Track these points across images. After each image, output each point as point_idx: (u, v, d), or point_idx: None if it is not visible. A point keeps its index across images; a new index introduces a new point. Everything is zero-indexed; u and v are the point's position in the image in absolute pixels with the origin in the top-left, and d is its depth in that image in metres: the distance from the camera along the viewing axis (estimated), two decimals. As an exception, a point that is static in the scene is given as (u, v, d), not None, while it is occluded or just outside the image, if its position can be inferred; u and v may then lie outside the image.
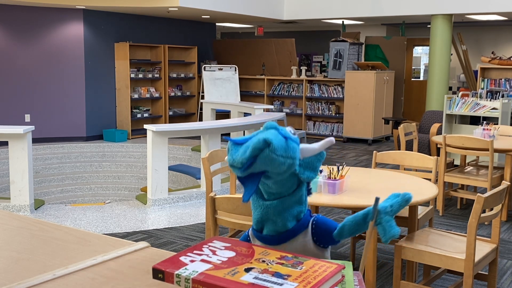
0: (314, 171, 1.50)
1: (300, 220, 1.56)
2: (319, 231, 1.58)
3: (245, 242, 1.07)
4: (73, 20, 9.31)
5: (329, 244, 1.62)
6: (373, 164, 3.94)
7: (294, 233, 1.55)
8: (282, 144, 1.36)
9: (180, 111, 11.12)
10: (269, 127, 1.44)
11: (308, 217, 1.59)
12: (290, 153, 1.38)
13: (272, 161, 1.35)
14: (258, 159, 1.34)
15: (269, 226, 1.55)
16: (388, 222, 1.56)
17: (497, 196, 2.78)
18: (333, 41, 10.40)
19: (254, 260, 0.94)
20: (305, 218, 1.57)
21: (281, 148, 1.36)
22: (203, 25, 11.82)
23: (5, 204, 5.41)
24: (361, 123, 9.89)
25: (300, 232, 1.56)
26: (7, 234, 1.13)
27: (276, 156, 1.35)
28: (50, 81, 9.30)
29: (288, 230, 1.54)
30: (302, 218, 1.56)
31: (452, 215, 5.41)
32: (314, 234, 1.58)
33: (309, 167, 1.49)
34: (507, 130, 5.82)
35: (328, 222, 1.62)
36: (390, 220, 1.57)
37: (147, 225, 5.11)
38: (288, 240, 1.55)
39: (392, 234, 1.55)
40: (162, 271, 0.89)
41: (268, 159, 1.34)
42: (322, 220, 1.61)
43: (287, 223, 1.53)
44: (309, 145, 1.49)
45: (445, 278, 3.71)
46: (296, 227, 1.55)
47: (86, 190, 8.30)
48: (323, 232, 1.59)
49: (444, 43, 9.51)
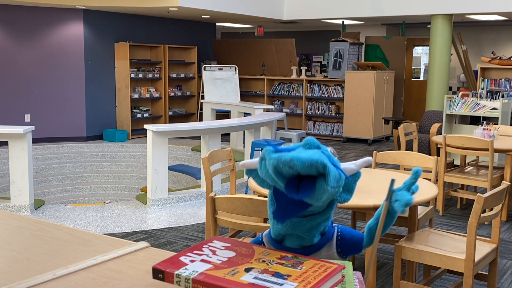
0: (350, 192, 1.45)
1: (324, 234, 1.53)
2: (345, 243, 1.56)
3: (245, 242, 1.07)
4: (73, 20, 9.31)
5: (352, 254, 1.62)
6: (373, 164, 3.94)
7: (319, 247, 1.52)
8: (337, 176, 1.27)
9: (180, 111, 11.12)
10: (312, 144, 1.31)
11: (331, 228, 1.56)
12: (340, 182, 1.30)
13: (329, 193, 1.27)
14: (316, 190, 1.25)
15: (292, 239, 1.49)
16: (401, 194, 1.55)
17: (497, 196, 2.78)
18: (333, 41, 10.40)
19: (254, 260, 0.94)
20: (328, 230, 1.54)
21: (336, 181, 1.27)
22: (203, 25, 11.82)
23: (5, 204, 5.41)
24: (361, 123, 9.89)
25: (324, 245, 1.53)
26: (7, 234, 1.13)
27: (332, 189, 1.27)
28: (50, 81, 9.30)
29: (314, 244, 1.50)
30: (326, 232, 1.54)
31: (452, 215, 5.41)
32: (339, 246, 1.57)
33: (346, 189, 1.43)
34: (507, 130, 5.82)
35: (354, 234, 1.60)
36: (403, 192, 1.56)
37: (147, 225, 5.11)
38: (312, 254, 1.51)
39: (405, 201, 1.54)
40: (162, 271, 0.89)
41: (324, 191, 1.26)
42: (347, 231, 1.58)
43: (313, 238, 1.49)
44: (347, 165, 1.42)
45: (445, 278, 3.71)
46: (321, 241, 1.52)
47: (86, 190, 8.30)
48: (349, 244, 1.57)
49: (444, 43, 9.51)
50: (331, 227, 1.57)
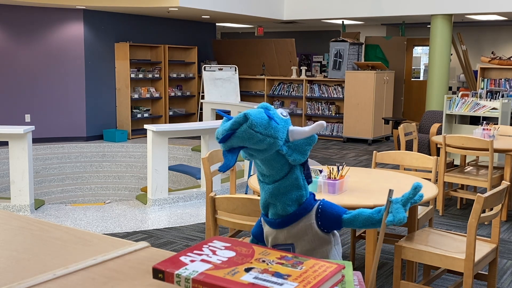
0: (302, 154, 1.50)
1: (302, 204, 1.58)
2: (325, 216, 1.59)
3: (245, 242, 1.07)
4: (73, 20, 9.31)
5: (333, 229, 1.63)
6: (373, 164, 3.94)
7: (296, 217, 1.57)
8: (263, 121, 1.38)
9: (180, 111, 11.12)
10: (261, 106, 1.46)
11: (312, 201, 1.61)
12: (270, 131, 1.39)
13: (250, 136, 1.37)
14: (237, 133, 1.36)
15: (272, 210, 1.59)
16: (396, 209, 1.58)
17: (497, 196, 2.78)
18: (333, 41, 10.40)
19: (254, 260, 0.94)
20: (308, 202, 1.59)
21: (261, 125, 1.37)
22: (203, 25, 11.82)
23: (5, 204, 5.42)
24: (361, 123, 9.89)
25: (302, 216, 1.58)
26: (7, 234, 1.13)
27: (254, 132, 1.36)
28: (50, 81, 9.30)
29: (289, 214, 1.57)
30: (304, 202, 1.58)
31: (452, 215, 5.41)
32: (320, 219, 1.59)
33: (298, 149, 1.48)
34: (507, 130, 5.82)
35: (335, 207, 1.63)
36: (399, 207, 1.59)
37: (147, 225, 5.11)
38: (290, 224, 1.58)
39: (398, 218, 1.56)
40: (162, 271, 0.89)
41: (246, 134, 1.36)
42: (329, 204, 1.62)
43: (287, 207, 1.55)
44: (300, 127, 1.50)
45: (445, 278, 3.71)
46: (298, 211, 1.57)
47: (86, 190, 8.30)
48: (329, 217, 1.60)
49: (444, 43, 9.51)
50: (313, 200, 1.62)
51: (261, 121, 1.37)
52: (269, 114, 1.41)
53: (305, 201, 1.60)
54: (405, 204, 1.61)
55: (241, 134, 1.36)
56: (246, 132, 1.35)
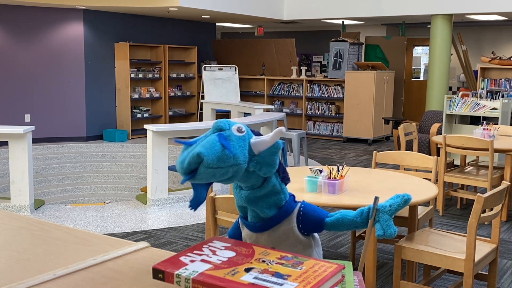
0: (271, 165, 1.45)
1: (282, 207, 1.54)
2: (306, 219, 1.56)
3: (245, 242, 1.07)
4: (73, 20, 9.31)
5: (314, 232, 1.61)
6: (373, 164, 3.94)
7: (277, 220, 1.54)
8: (217, 155, 1.29)
9: (180, 111, 11.12)
10: (214, 127, 1.38)
11: (292, 203, 1.57)
12: (230, 161, 1.31)
13: (212, 174, 1.30)
14: (197, 175, 1.29)
15: (250, 213, 1.55)
16: (386, 221, 1.57)
17: (497, 196, 2.78)
18: (333, 41, 10.40)
19: (254, 260, 0.94)
20: (288, 205, 1.55)
21: (218, 160, 1.29)
22: (203, 25, 11.82)
23: (5, 204, 5.41)
24: (361, 123, 9.89)
25: (283, 219, 1.54)
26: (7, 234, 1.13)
27: (213, 169, 1.29)
28: (50, 81, 9.30)
29: (270, 217, 1.53)
30: (284, 205, 1.54)
31: (452, 215, 5.41)
32: (300, 222, 1.56)
33: (265, 162, 1.43)
34: (507, 130, 5.82)
35: (317, 210, 1.60)
36: (388, 219, 1.57)
37: (147, 225, 5.11)
38: (271, 228, 1.54)
39: (389, 233, 1.56)
40: (162, 271, 0.89)
41: (206, 174, 1.29)
42: (310, 207, 1.59)
43: (265, 211, 1.52)
44: (260, 138, 1.43)
45: (445, 278, 3.71)
46: (278, 214, 1.53)
47: (86, 190, 8.30)
48: (310, 220, 1.57)
49: (444, 43, 9.51)
50: (293, 203, 1.57)
51: (216, 155, 1.29)
52: (223, 142, 1.32)
53: (285, 204, 1.55)
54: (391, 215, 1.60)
55: (202, 176, 1.30)
56: (206, 173, 1.29)
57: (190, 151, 1.32)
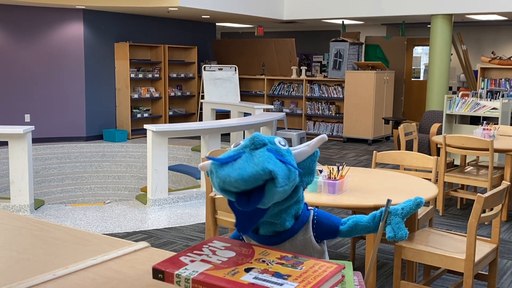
0: (311, 174, 1.41)
1: (298, 217, 1.49)
2: (321, 228, 1.53)
3: (245, 242, 1.07)
4: (73, 20, 9.31)
5: (327, 239, 1.59)
6: (373, 164, 3.94)
7: (294, 232, 1.48)
8: (285, 173, 1.19)
9: (180, 111, 11.12)
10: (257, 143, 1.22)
11: (306, 212, 1.52)
12: (293, 179, 1.23)
13: (281, 193, 1.21)
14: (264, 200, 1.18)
15: (266, 227, 1.46)
16: (397, 224, 1.56)
17: (497, 196, 2.78)
18: (333, 41, 10.40)
19: (254, 260, 0.94)
20: (303, 214, 1.51)
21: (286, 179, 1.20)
22: (203, 25, 11.81)
23: (5, 204, 5.41)
24: (361, 123, 9.89)
25: (299, 229, 1.49)
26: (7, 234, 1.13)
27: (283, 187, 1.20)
28: (50, 81, 9.30)
29: (287, 229, 1.47)
30: (300, 215, 1.49)
31: (452, 215, 5.41)
32: (315, 230, 1.53)
33: (307, 172, 1.39)
34: (507, 130, 5.82)
35: (330, 218, 1.58)
36: (400, 222, 1.56)
37: (147, 225, 5.11)
38: (287, 240, 1.49)
39: (400, 235, 1.55)
40: (162, 271, 0.89)
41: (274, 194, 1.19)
42: (324, 215, 1.56)
43: (285, 223, 1.45)
44: (301, 148, 1.38)
45: (445, 278, 3.71)
46: (296, 225, 1.48)
47: (86, 190, 8.30)
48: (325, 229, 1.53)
49: (444, 43, 9.51)
50: (306, 211, 1.53)
51: (284, 173, 1.18)
52: (280, 158, 1.20)
53: (301, 213, 1.49)
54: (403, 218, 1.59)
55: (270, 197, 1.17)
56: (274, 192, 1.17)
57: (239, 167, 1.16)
